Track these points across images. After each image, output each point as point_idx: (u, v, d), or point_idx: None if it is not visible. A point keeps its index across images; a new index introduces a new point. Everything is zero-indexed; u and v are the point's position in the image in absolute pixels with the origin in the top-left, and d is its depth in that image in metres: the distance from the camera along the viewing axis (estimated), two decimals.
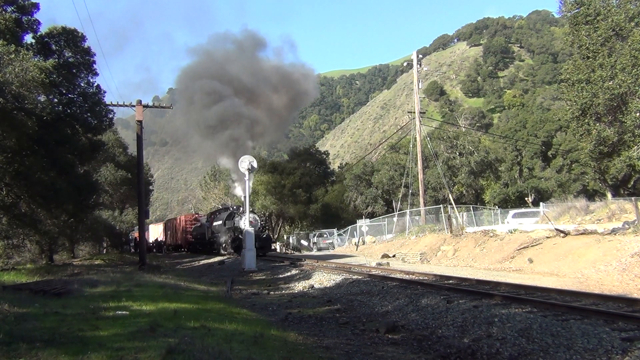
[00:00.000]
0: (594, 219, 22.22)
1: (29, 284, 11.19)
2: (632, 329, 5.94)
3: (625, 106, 20.73)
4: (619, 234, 14.30)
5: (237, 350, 5.19)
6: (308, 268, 16.02)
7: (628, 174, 36.07)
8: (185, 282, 14.16)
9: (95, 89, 21.14)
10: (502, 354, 5.87)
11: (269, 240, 27.23)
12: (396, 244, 25.04)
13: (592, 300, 8.21)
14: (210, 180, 64.79)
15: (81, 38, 20.64)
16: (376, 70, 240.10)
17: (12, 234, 19.88)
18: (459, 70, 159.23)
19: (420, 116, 29.49)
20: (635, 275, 11.19)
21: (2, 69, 15.13)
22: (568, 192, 44.29)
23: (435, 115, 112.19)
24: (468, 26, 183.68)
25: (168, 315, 7.27)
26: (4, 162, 17.56)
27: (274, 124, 31.46)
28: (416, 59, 29.82)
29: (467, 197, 43.64)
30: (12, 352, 4.47)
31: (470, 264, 17.39)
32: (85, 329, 5.96)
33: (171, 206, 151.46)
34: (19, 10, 18.58)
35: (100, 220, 33.64)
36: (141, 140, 22.31)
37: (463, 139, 45.69)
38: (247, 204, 20.72)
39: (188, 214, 49.73)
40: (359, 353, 6.30)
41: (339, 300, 10.57)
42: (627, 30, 20.79)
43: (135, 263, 23.05)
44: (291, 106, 32.09)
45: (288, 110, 32.23)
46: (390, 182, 44.33)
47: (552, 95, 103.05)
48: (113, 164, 35.29)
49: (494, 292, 9.28)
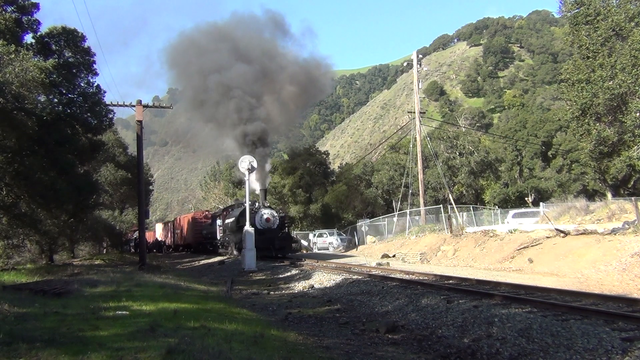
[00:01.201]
0: (594, 219, 22.22)
1: (29, 284, 11.20)
2: (632, 329, 5.94)
3: (625, 106, 20.73)
4: (619, 234, 14.30)
5: (237, 350, 5.19)
6: (308, 268, 16.02)
7: (628, 174, 36.06)
8: (185, 282, 14.16)
9: (95, 89, 21.15)
10: (502, 354, 5.87)
11: (289, 238, 23.65)
12: (396, 244, 25.04)
13: (592, 300, 8.21)
14: (210, 180, 64.86)
15: (81, 38, 20.65)
16: (376, 70, 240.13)
17: (12, 234, 19.89)
18: (459, 70, 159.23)
19: (420, 116, 29.48)
20: (635, 275, 11.19)
21: (2, 69, 15.13)
22: (568, 192, 44.29)
23: (435, 115, 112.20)
24: (468, 26, 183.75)
25: (168, 315, 7.27)
26: (4, 162, 17.55)
27: (284, 119, 29.71)
28: (416, 59, 29.82)
29: (467, 197, 43.64)
30: (12, 352, 4.47)
31: (470, 264, 17.39)
32: (85, 329, 5.95)
33: (171, 206, 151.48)
34: (19, 10, 18.59)
35: (100, 220, 33.66)
36: (141, 140, 22.31)
37: (463, 139, 45.70)
38: (248, 204, 20.66)
39: (198, 211, 45.47)
40: (359, 353, 6.30)
41: (339, 300, 10.56)
42: (627, 30, 20.80)
43: (135, 263, 23.06)
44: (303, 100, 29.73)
45: (299, 104, 30.04)
46: (390, 182, 44.34)
47: (552, 95, 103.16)
48: (113, 164, 35.29)
49: (494, 292, 9.28)
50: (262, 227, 22.03)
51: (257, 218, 22.15)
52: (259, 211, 22.62)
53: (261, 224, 22.17)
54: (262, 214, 22.57)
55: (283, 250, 22.43)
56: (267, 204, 23.27)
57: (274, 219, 22.59)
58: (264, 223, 22.25)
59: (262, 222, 22.26)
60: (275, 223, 22.59)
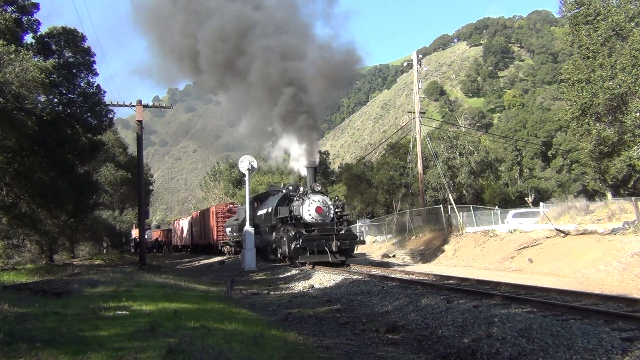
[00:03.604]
0: (594, 219, 22.20)
1: (29, 284, 11.20)
2: (632, 329, 5.95)
3: (625, 106, 20.75)
4: (619, 234, 14.31)
5: (237, 350, 5.19)
6: (308, 268, 16.01)
7: (628, 174, 36.05)
8: (185, 282, 14.16)
9: (95, 89, 21.15)
10: (502, 354, 5.87)
11: (353, 236, 17.20)
12: (396, 244, 25.05)
13: (592, 300, 8.22)
14: (210, 181, 64.85)
15: (81, 38, 20.66)
16: (376, 70, 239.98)
17: (12, 234, 19.88)
18: (459, 70, 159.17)
19: (420, 116, 29.48)
20: (635, 275, 11.20)
21: (2, 69, 15.14)
22: (568, 192, 44.34)
23: (435, 115, 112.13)
24: (468, 26, 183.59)
25: (168, 315, 7.27)
26: (4, 162, 17.56)
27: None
28: (416, 59, 29.83)
29: (467, 197, 43.65)
30: (12, 352, 4.47)
31: (470, 263, 17.40)
32: (85, 329, 5.96)
33: (171, 206, 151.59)
34: (19, 10, 18.60)
35: (100, 220, 33.65)
36: (141, 140, 22.32)
37: (463, 139, 45.73)
38: (248, 204, 20.63)
39: (220, 204, 37.70)
40: (359, 353, 6.30)
41: (339, 300, 10.56)
42: (627, 30, 20.81)
43: (135, 263, 23.06)
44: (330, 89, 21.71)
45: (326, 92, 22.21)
46: (390, 182, 44.35)
47: (552, 95, 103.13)
48: (113, 164, 35.28)
49: (494, 292, 9.29)
50: (312, 220, 16.70)
51: (304, 208, 16.75)
52: (306, 198, 16.93)
53: (310, 215, 16.72)
54: (311, 201, 16.83)
55: (344, 252, 16.12)
56: (319, 188, 17.38)
57: (327, 209, 16.86)
58: (313, 214, 16.71)
59: (312, 213, 16.71)
60: (330, 214, 16.94)
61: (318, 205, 16.66)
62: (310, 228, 16.38)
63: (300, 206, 16.79)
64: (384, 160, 48.55)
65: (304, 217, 16.59)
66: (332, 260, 15.53)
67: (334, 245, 15.50)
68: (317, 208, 16.66)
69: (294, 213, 17.05)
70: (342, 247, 15.81)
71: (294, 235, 16.32)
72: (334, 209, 17.13)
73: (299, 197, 17.31)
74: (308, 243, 15.65)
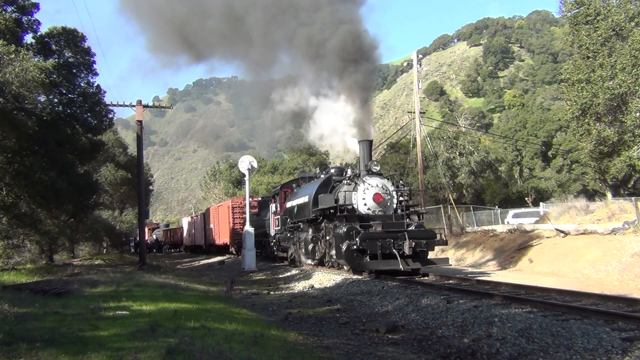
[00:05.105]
0: (594, 219, 22.18)
1: (29, 284, 11.20)
2: (632, 329, 5.95)
3: (625, 106, 20.75)
4: (619, 234, 14.31)
5: (237, 350, 5.19)
6: (308, 268, 16.00)
7: (628, 174, 36.01)
8: (185, 282, 14.16)
9: (95, 89, 21.19)
10: (502, 354, 5.87)
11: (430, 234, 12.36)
12: None
13: (592, 300, 8.22)
14: (210, 180, 64.82)
15: (81, 38, 20.70)
16: (376, 70, 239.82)
17: (12, 234, 19.88)
18: (459, 70, 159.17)
19: (420, 116, 29.46)
20: (635, 275, 11.21)
21: (2, 69, 15.15)
22: (568, 192, 44.32)
23: (435, 115, 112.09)
24: (468, 26, 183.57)
25: (168, 315, 7.27)
26: (4, 162, 17.57)
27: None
28: (416, 59, 29.80)
29: (467, 197, 43.64)
30: (12, 352, 4.47)
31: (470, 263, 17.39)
32: (85, 329, 5.96)
33: (171, 206, 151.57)
34: (19, 10, 18.62)
35: (100, 220, 33.67)
36: (141, 140, 22.32)
37: (463, 139, 45.69)
38: (248, 201, 20.58)
39: (236, 198, 32.85)
40: (359, 353, 6.29)
41: (339, 300, 10.56)
42: (627, 30, 20.81)
43: (135, 263, 23.06)
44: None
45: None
46: None
47: (552, 95, 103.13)
48: (113, 164, 35.31)
49: (494, 292, 9.30)
50: (369, 212, 12.74)
51: (358, 195, 12.68)
52: (360, 182, 12.83)
53: (366, 205, 12.71)
54: (367, 186, 12.78)
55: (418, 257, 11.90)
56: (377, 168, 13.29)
57: (388, 197, 12.71)
58: (370, 204, 12.71)
59: (368, 203, 12.70)
60: (392, 204, 12.84)
61: (377, 191, 12.57)
62: (366, 223, 12.41)
63: (352, 192, 12.72)
64: (384, 160, 48.53)
65: (358, 207, 12.52)
66: (404, 268, 11.56)
67: (407, 246, 11.41)
68: (375, 195, 12.59)
69: (343, 202, 12.77)
70: (416, 250, 11.72)
71: (346, 233, 11.97)
72: (397, 197, 13.08)
73: (350, 181, 13.21)
74: (369, 244, 11.50)
